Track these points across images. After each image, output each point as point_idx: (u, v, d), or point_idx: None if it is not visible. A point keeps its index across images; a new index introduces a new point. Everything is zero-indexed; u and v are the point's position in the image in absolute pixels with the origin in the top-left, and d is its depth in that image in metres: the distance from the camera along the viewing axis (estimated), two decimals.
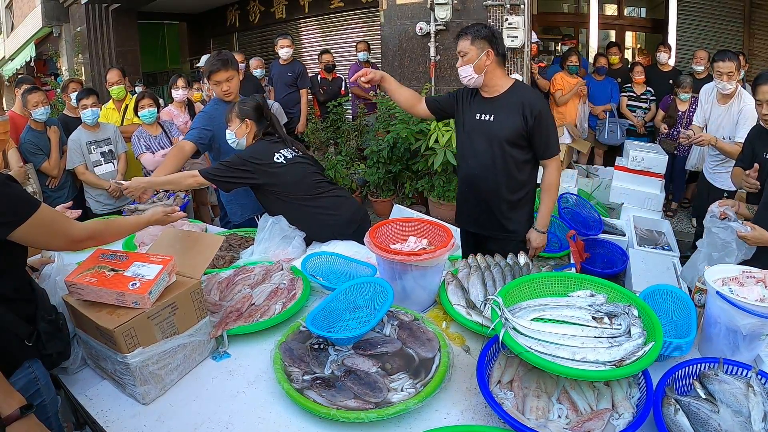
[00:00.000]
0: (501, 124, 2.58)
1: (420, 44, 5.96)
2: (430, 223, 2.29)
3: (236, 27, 10.88)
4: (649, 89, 6.10)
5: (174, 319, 1.69)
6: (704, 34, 7.66)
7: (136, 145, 4.29)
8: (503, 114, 2.59)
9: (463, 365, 1.77)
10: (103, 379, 1.77)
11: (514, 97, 2.59)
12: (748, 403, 1.45)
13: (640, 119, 6.11)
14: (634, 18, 8.74)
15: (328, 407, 1.50)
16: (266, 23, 10.18)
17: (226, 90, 3.24)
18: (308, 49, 9.63)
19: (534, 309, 1.65)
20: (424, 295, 2.11)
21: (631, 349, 1.47)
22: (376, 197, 5.94)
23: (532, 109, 2.53)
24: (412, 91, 2.94)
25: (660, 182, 4.96)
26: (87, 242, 1.63)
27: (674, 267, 3.60)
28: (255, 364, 1.81)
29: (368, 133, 6.28)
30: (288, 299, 2.09)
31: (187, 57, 12.06)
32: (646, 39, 8.64)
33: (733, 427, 1.37)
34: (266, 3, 9.94)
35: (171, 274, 1.73)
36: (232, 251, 2.67)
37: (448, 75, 5.85)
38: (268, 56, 8.56)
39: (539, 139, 2.58)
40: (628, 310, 1.61)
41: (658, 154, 5.01)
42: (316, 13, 9.34)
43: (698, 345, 1.89)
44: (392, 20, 6.11)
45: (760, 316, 1.63)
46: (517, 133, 2.56)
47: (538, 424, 1.43)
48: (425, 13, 5.75)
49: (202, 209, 5.25)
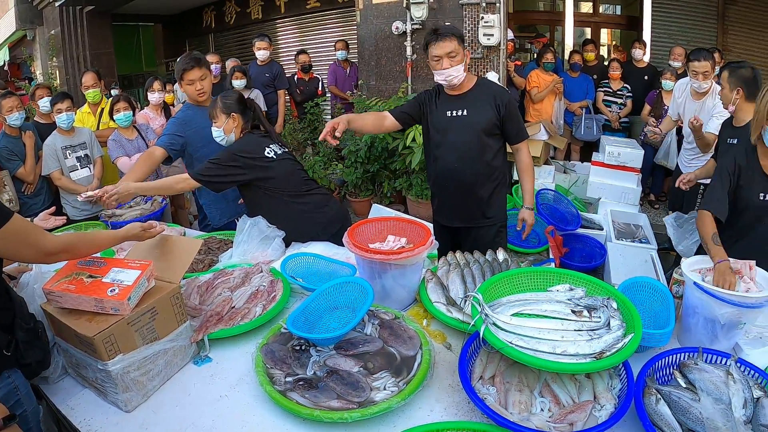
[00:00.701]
0: (476, 117, 2.73)
1: (396, 43, 5.97)
2: (408, 222, 2.30)
3: (212, 28, 10.76)
4: (626, 85, 6.19)
5: (154, 325, 1.67)
6: (679, 30, 7.76)
7: (112, 149, 4.22)
8: (476, 107, 2.74)
9: (445, 362, 1.78)
10: (85, 388, 1.74)
11: (483, 91, 2.77)
12: (728, 391, 1.48)
13: (615, 114, 6.19)
14: (609, 15, 8.84)
15: (312, 408, 1.50)
16: (242, 24, 10.08)
17: (200, 89, 3.18)
18: (285, 50, 9.57)
19: (514, 304, 1.66)
20: (404, 293, 2.11)
21: (611, 341, 1.48)
22: (355, 197, 5.93)
23: (502, 99, 2.74)
24: (374, 113, 3.06)
25: (636, 176, 5.04)
26: (60, 255, 1.60)
27: (652, 259, 3.65)
28: (237, 368, 1.80)
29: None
30: (268, 301, 2.08)
31: (162, 59, 11.91)
32: (622, 36, 8.73)
33: (714, 414, 1.40)
34: (242, 3, 9.85)
35: (150, 279, 1.71)
36: (211, 254, 2.65)
37: (425, 74, 5.86)
38: (244, 57, 8.51)
39: (511, 126, 2.79)
40: (607, 303, 1.63)
41: (634, 148, 5.08)
42: (293, 14, 9.28)
43: (677, 335, 1.92)
44: (369, 20, 6.11)
45: (738, 306, 1.67)
46: (491, 122, 2.73)
47: (522, 418, 1.45)
48: (401, 13, 5.75)
49: (180, 213, 5.19)
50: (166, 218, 3.96)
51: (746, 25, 7.56)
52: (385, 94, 6.07)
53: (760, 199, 2.22)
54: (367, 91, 6.29)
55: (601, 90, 6.28)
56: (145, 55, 11.89)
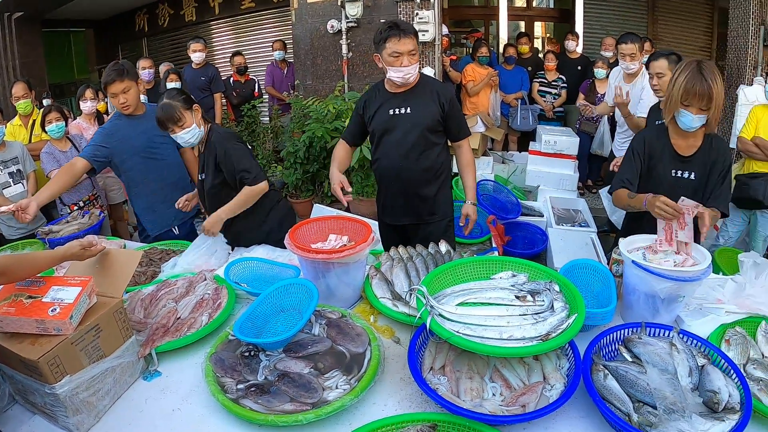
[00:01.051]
0: (420, 114, 2.71)
1: (332, 42, 5.97)
2: (348, 220, 2.31)
3: (145, 32, 10.42)
4: (561, 76, 6.39)
5: (99, 342, 1.62)
6: (610, 21, 8.06)
7: (46, 162, 4.06)
8: (420, 104, 2.72)
9: (395, 356, 1.80)
10: (35, 415, 1.66)
11: (426, 88, 2.74)
12: (673, 361, 1.54)
13: (550, 104, 6.38)
14: (542, 9, 9.08)
15: (266, 414, 1.50)
16: (176, 26, 9.82)
17: (123, 102, 3.03)
18: (220, 52, 9.40)
19: (458, 294, 1.69)
20: (349, 291, 2.12)
21: (555, 322, 1.53)
22: (296, 198, 5.88)
23: (445, 96, 2.74)
24: (340, 150, 2.93)
25: (573, 163, 5.20)
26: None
27: (592, 242, 3.79)
28: (187, 379, 1.77)
29: (284, 134, 6.23)
30: (214, 309, 2.05)
31: (95, 66, 11.42)
32: (555, 28, 8.98)
33: (661, 384, 1.46)
34: (175, 6, 9.59)
35: (91, 296, 1.65)
36: (153, 266, 2.58)
37: (361, 72, 5.88)
38: (179, 60, 8.31)
39: (454, 123, 2.80)
40: (550, 286, 1.69)
41: (570, 136, 5.24)
42: (227, 15, 9.12)
43: (620, 312, 2.00)
44: (304, 19, 6.08)
45: (675, 280, 1.75)
46: (435, 119, 2.72)
47: (474, 405, 1.48)
48: (336, 11, 5.75)
49: (119, 225, 5.05)
50: (105, 231, 3.84)
51: (675, 15, 7.93)
52: (322, 93, 6.05)
53: (672, 175, 2.35)
54: (303, 91, 6.25)
55: (536, 81, 6.46)
56: (77, 62, 11.38)
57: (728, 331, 1.79)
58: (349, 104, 5.24)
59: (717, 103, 2.11)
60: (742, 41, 5.34)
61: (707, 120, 2.16)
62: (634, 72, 4.15)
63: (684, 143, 2.32)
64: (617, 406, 1.45)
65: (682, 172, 2.34)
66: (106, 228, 4.05)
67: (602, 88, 5.68)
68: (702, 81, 2.09)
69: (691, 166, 2.32)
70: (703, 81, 2.09)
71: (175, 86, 5.72)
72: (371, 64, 5.78)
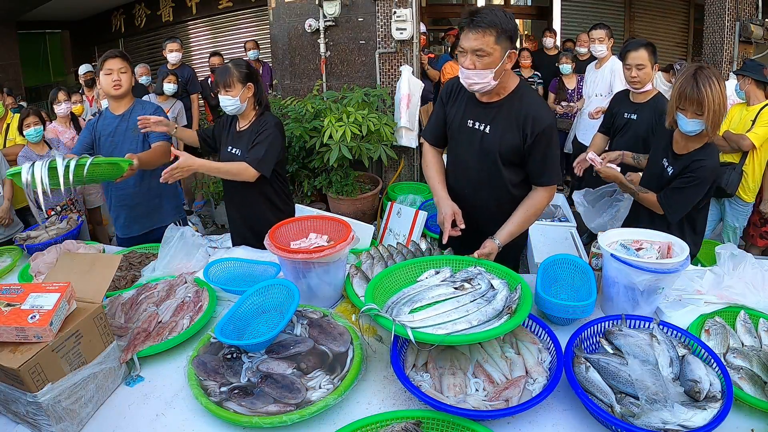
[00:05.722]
0: (496, 138, 2.16)
1: (310, 41, 5.93)
2: (328, 219, 2.30)
3: (122, 32, 10.30)
4: (537, 73, 6.45)
5: (80, 349, 1.60)
6: (587, 18, 8.16)
7: None
8: (501, 126, 2.15)
9: (378, 355, 1.81)
10: (18, 424, 1.63)
11: (517, 105, 2.13)
12: (654, 352, 1.56)
13: None
14: (520, 6, 9.16)
15: (250, 416, 1.49)
16: (153, 27, 9.72)
17: (116, 80, 2.95)
18: (198, 52, 9.32)
19: (404, 303, 1.70)
20: (330, 290, 2.12)
21: (506, 294, 1.62)
22: None
23: (536, 125, 2.09)
24: (433, 161, 2.43)
25: None
26: None
27: (572, 236, 3.83)
28: (170, 384, 1.75)
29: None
30: (195, 312, 2.03)
31: (71, 67, 11.25)
32: (533, 25, 9.05)
33: (642, 375, 1.48)
34: (152, 6, 9.49)
35: (70, 301, 1.63)
36: (133, 270, 2.55)
37: (339, 71, 5.85)
38: (156, 61, 8.22)
39: (533, 162, 2.17)
40: (478, 270, 1.77)
41: None
42: (205, 14, 9.05)
43: (600, 305, 2.03)
44: (281, 18, 6.03)
45: (653, 272, 1.77)
46: (513, 150, 2.15)
47: (458, 401, 1.49)
48: (314, 10, 5.72)
49: (98, 229, 4.98)
50: (84, 236, 3.79)
51: (651, 12, 8.07)
52: (300, 93, 6.02)
53: (661, 164, 2.46)
54: (282, 90, 6.22)
55: None
56: (53, 64, 11.22)
57: (708, 322, 1.83)
58: (328, 103, 5.21)
59: (712, 109, 2.13)
60: (717, 37, 5.44)
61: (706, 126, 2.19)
62: (605, 57, 4.66)
63: (682, 142, 2.37)
64: (600, 397, 1.46)
65: (668, 165, 2.41)
66: (85, 233, 3.99)
67: (570, 83, 5.76)
68: (694, 87, 2.12)
69: (677, 163, 2.37)
70: (694, 87, 2.12)
71: (173, 87, 5.67)
72: (350, 62, 5.77)
